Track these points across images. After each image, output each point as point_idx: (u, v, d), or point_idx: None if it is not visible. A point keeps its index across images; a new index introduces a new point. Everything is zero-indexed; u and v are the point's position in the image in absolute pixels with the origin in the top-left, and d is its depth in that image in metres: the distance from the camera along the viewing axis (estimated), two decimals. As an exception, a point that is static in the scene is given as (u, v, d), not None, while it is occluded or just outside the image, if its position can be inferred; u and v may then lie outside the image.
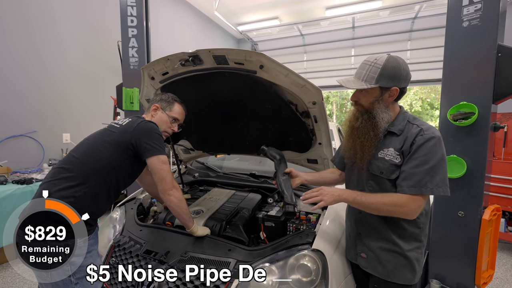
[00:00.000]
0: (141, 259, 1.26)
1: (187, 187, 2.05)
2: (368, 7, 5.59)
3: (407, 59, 6.10)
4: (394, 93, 0.98)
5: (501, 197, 3.01)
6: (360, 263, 1.14)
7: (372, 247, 1.08)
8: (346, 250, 1.24)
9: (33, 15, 3.16)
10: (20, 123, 3.08)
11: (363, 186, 1.09)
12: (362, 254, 1.12)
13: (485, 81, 1.60)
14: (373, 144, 1.02)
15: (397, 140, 1.00)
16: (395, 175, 0.99)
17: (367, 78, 0.96)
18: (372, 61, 0.97)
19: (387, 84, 0.96)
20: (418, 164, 0.93)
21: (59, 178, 1.10)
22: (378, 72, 0.95)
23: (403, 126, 1.01)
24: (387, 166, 1.00)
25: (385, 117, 1.00)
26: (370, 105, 1.01)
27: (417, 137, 0.95)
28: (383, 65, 0.95)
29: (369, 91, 0.99)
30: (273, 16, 6.33)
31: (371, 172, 1.05)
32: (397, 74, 0.95)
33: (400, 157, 0.98)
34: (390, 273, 1.05)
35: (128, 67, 2.84)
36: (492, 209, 1.68)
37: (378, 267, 1.08)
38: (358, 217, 1.14)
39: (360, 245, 1.13)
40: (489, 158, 1.66)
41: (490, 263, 1.78)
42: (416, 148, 0.94)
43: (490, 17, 1.56)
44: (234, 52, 1.26)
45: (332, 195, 1.04)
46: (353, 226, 1.17)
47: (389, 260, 1.05)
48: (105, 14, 3.96)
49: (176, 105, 1.41)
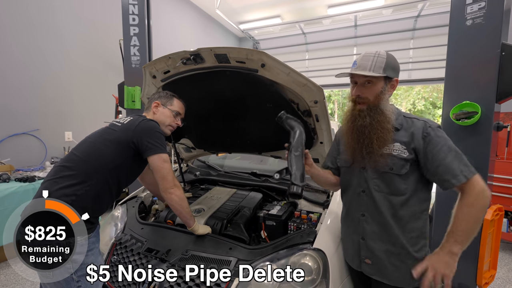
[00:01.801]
0: (142, 257, 1.27)
1: (188, 185, 2.05)
2: (370, 5, 5.55)
3: (409, 58, 6.07)
4: (395, 85, 1.01)
5: (504, 197, 2.99)
6: (365, 270, 1.08)
7: (378, 251, 1.03)
8: (349, 258, 1.15)
9: (34, 13, 3.16)
10: (23, 121, 3.10)
11: (366, 187, 1.05)
12: (367, 260, 1.06)
13: (488, 80, 1.58)
14: (390, 138, 0.98)
15: (400, 135, 1.00)
16: (405, 170, 0.98)
17: (374, 68, 0.96)
18: (375, 53, 0.99)
19: (392, 74, 0.99)
20: (446, 152, 0.93)
21: (61, 177, 1.11)
22: (385, 62, 0.97)
23: (401, 121, 1.02)
24: (396, 161, 0.98)
25: (392, 109, 1.00)
26: (376, 98, 0.99)
27: (427, 129, 0.96)
28: (387, 56, 0.98)
29: (375, 83, 0.98)
30: (275, 14, 6.31)
31: (378, 170, 1.01)
32: (396, 66, 1.00)
33: (408, 151, 0.97)
34: (401, 278, 1.00)
35: (129, 65, 2.85)
36: (494, 209, 1.67)
37: (386, 273, 1.02)
38: (360, 221, 1.08)
39: (364, 250, 1.07)
40: (492, 157, 1.65)
41: (492, 263, 1.77)
42: (433, 140, 0.95)
43: (494, 16, 1.54)
44: (235, 51, 1.26)
45: (447, 264, 0.90)
46: (355, 232, 1.10)
47: (398, 265, 1.00)
48: (107, 12, 3.96)
49: (175, 100, 1.43)
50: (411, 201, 0.99)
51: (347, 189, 1.15)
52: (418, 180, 1.00)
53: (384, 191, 1.01)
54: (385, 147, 0.99)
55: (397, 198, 0.99)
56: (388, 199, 1.01)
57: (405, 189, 0.99)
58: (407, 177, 0.98)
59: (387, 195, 1.01)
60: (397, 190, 0.99)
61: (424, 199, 1.02)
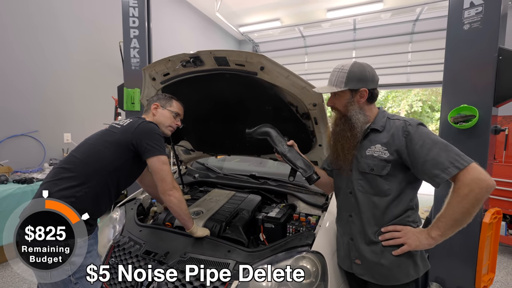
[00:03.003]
0: (141, 259, 1.26)
1: (187, 187, 2.05)
2: (369, 9, 5.60)
3: (408, 61, 6.11)
4: (364, 94, 1.04)
5: (502, 200, 3.00)
6: (356, 271, 1.09)
7: (365, 251, 1.04)
8: (340, 260, 1.16)
9: (35, 14, 3.17)
10: (22, 122, 3.09)
11: (352, 188, 1.08)
12: (357, 261, 1.08)
13: (486, 84, 1.59)
14: (352, 145, 1.05)
15: (381, 136, 1.03)
16: (386, 171, 0.99)
17: (336, 83, 1.04)
18: (340, 68, 1.05)
19: (355, 86, 1.03)
20: (430, 146, 0.91)
21: (60, 178, 1.11)
22: (345, 76, 1.02)
23: (384, 123, 1.05)
24: (377, 162, 1.00)
25: (360, 118, 1.04)
26: (344, 108, 1.07)
27: (407, 127, 0.97)
28: (349, 70, 1.03)
29: (341, 95, 1.06)
30: (275, 17, 6.35)
31: (361, 171, 1.05)
32: (363, 76, 1.03)
33: (390, 152, 0.98)
34: (389, 276, 1.01)
35: (129, 67, 2.85)
36: (492, 212, 1.67)
37: (375, 273, 1.03)
38: (348, 221, 1.10)
39: (353, 251, 1.09)
40: (490, 161, 1.66)
41: (490, 267, 1.77)
42: (414, 137, 0.94)
43: (491, 20, 1.56)
44: (235, 54, 1.27)
45: (418, 238, 0.94)
46: (345, 233, 1.12)
47: (385, 263, 1.00)
48: (107, 14, 3.98)
49: (174, 101, 1.44)
50: (395, 202, 1.00)
51: (338, 191, 1.18)
52: (402, 181, 1.00)
53: (368, 192, 1.04)
54: (362, 150, 1.05)
55: (381, 199, 1.01)
56: (371, 199, 1.03)
57: (388, 189, 1.00)
58: (390, 178, 1.00)
59: (371, 195, 1.03)
60: (380, 191, 1.01)
61: (409, 200, 1.02)
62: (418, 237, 0.95)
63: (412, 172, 0.99)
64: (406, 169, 0.99)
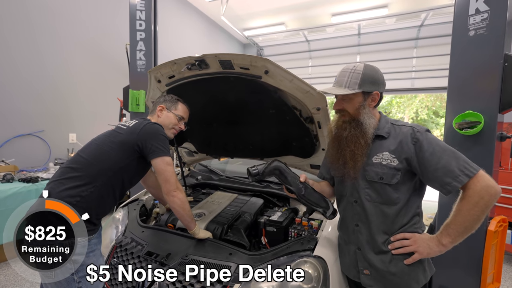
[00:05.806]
0: (142, 260, 1.27)
1: (189, 189, 2.06)
2: (374, 14, 5.62)
3: (412, 67, 6.10)
4: (376, 98, 1.01)
5: (508, 208, 2.96)
6: (364, 281, 1.05)
7: (375, 260, 1.01)
8: (345, 268, 1.13)
9: (41, 16, 3.24)
10: (29, 122, 3.15)
11: (358, 197, 1.04)
12: (365, 271, 1.04)
13: (491, 90, 1.58)
14: (364, 152, 1.00)
15: (388, 143, 1.00)
16: (395, 180, 0.96)
17: (349, 84, 0.98)
18: (351, 68, 1.00)
19: (369, 89, 0.98)
20: (440, 154, 0.90)
21: (67, 178, 1.12)
22: (360, 78, 0.97)
23: (388, 129, 1.02)
24: (386, 170, 0.97)
25: (371, 123, 1.00)
26: (356, 111, 1.01)
27: (415, 134, 0.96)
28: (363, 71, 0.98)
29: (353, 97, 1.00)
30: (279, 21, 6.40)
31: (369, 180, 1.01)
32: (375, 79, 0.99)
33: (399, 160, 0.96)
34: (400, 284, 0.99)
35: (135, 69, 2.89)
36: (498, 220, 1.65)
37: (386, 282, 1.00)
38: (355, 231, 1.06)
39: (362, 261, 1.05)
40: (496, 168, 1.64)
41: (495, 276, 1.74)
42: (424, 144, 0.93)
43: (496, 27, 1.55)
44: (240, 57, 1.28)
45: (428, 246, 0.93)
46: (351, 242, 1.09)
47: (395, 271, 0.99)
48: (115, 17, 4.05)
49: (180, 104, 1.45)
50: (403, 210, 0.98)
51: (341, 199, 1.14)
52: (410, 188, 0.99)
53: (376, 201, 1.01)
54: (368, 158, 1.00)
55: (390, 208, 0.98)
56: (380, 208, 1.00)
57: (397, 198, 0.97)
58: (399, 186, 0.97)
59: (379, 204, 1.00)
60: (389, 200, 0.98)
61: (416, 207, 1.01)
62: (429, 244, 0.93)
63: (418, 179, 0.97)
64: (414, 176, 0.98)
